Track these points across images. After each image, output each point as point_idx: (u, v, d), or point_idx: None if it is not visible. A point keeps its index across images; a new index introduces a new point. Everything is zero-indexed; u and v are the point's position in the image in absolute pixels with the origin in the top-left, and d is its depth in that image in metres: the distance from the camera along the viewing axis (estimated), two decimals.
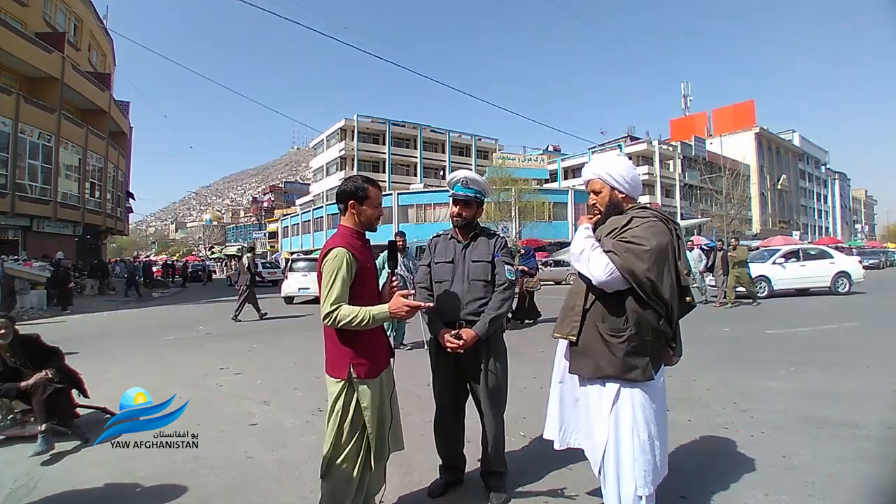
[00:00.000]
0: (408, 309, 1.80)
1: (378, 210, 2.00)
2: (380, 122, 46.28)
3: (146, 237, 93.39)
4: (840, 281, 11.93)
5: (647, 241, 1.69)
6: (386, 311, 1.81)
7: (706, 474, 2.58)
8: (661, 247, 1.70)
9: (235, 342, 7.32)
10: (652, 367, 1.76)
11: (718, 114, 56.48)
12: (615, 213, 1.88)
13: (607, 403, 1.79)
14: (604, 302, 1.78)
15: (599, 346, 1.76)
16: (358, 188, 1.92)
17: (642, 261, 1.67)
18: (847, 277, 11.99)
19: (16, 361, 3.44)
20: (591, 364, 1.79)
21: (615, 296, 1.75)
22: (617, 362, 1.72)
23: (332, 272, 1.79)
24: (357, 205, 1.93)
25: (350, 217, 1.96)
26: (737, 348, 5.97)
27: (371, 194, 1.94)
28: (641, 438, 1.73)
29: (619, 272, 1.68)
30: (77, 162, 20.26)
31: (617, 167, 1.90)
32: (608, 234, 1.82)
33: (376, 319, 1.79)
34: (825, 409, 3.61)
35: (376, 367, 1.93)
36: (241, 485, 2.61)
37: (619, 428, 1.76)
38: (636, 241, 1.70)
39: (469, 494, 2.43)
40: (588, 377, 1.83)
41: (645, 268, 1.66)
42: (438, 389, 2.41)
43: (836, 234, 62.91)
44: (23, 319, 10.08)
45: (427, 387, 2.42)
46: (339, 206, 1.98)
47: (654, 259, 1.68)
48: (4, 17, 17.27)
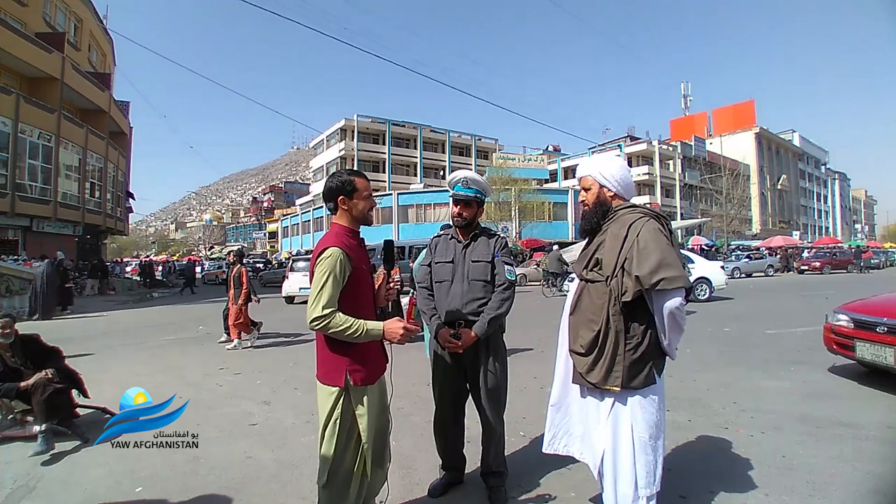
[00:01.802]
0: (403, 333, 1.73)
1: (370, 201, 1.89)
2: (380, 122, 46.27)
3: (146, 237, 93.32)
4: (700, 287, 11.40)
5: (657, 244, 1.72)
6: (380, 330, 1.73)
7: (706, 474, 2.58)
8: (667, 245, 1.73)
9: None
10: (655, 372, 1.76)
11: (718, 114, 56.53)
12: (602, 209, 1.93)
13: (606, 406, 1.79)
14: (625, 312, 1.76)
15: (609, 355, 1.75)
16: (344, 182, 1.83)
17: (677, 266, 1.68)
18: (707, 283, 11.54)
19: (16, 361, 3.44)
20: (598, 374, 1.77)
21: (632, 303, 1.74)
22: (623, 370, 1.73)
23: (324, 273, 1.70)
24: (347, 199, 1.84)
25: (342, 214, 1.87)
26: (737, 348, 5.97)
27: (359, 185, 1.85)
28: (641, 439, 1.73)
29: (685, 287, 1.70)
30: (77, 162, 20.25)
31: (608, 167, 1.94)
32: (615, 249, 1.79)
33: (369, 335, 1.72)
34: (825, 409, 3.61)
35: (373, 373, 1.85)
36: (241, 485, 2.62)
37: (618, 429, 1.76)
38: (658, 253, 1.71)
39: (469, 494, 2.43)
40: (592, 386, 1.81)
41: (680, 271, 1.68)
42: (438, 389, 2.41)
43: (836, 234, 62.90)
44: (22, 319, 10.08)
45: (427, 387, 2.42)
46: (329, 206, 1.88)
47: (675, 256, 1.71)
48: (4, 17, 17.26)
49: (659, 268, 1.64)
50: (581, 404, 1.91)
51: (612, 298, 1.75)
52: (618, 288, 1.74)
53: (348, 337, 1.70)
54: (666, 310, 1.68)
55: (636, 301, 1.72)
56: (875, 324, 4.13)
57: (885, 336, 3.99)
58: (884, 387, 4.06)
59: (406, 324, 1.75)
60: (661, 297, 1.68)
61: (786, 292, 14.27)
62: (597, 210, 1.94)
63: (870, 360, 4.14)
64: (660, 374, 1.79)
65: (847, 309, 4.57)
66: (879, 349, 4.01)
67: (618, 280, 1.74)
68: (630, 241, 1.74)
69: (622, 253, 1.75)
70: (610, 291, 1.76)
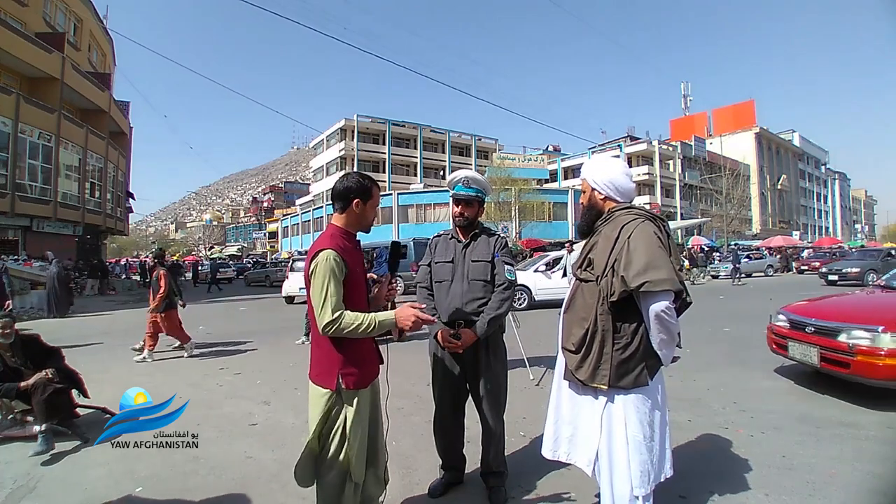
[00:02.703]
0: (415, 320, 1.73)
1: (376, 211, 1.94)
2: (380, 122, 46.26)
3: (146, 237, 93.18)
4: (518, 295, 10.44)
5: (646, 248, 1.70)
6: (392, 319, 1.73)
7: (706, 474, 2.58)
8: (658, 247, 1.71)
9: (235, 342, 7.31)
10: (647, 374, 1.74)
11: (718, 114, 56.52)
12: (593, 212, 1.97)
13: (600, 404, 1.80)
14: (613, 311, 1.76)
15: (598, 354, 1.76)
16: (364, 186, 1.83)
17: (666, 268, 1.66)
18: (527, 292, 10.65)
19: (16, 361, 3.44)
20: (586, 371, 1.78)
21: (622, 304, 1.74)
22: (611, 369, 1.73)
23: (324, 277, 1.68)
24: (361, 203, 1.83)
25: (347, 216, 1.85)
26: (737, 348, 5.97)
27: (374, 193, 1.87)
28: (636, 439, 1.72)
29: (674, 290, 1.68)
30: (77, 162, 20.25)
31: (600, 172, 1.96)
32: (606, 250, 1.80)
33: (382, 326, 1.72)
34: (825, 409, 3.61)
35: (366, 376, 1.83)
36: (241, 485, 2.62)
37: (612, 428, 1.76)
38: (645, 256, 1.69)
39: (469, 494, 2.43)
40: (582, 383, 1.81)
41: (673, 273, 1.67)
42: (438, 389, 2.41)
43: (836, 234, 62.91)
44: (22, 319, 10.08)
45: (427, 386, 2.42)
46: (338, 205, 1.85)
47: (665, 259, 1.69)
48: (4, 17, 17.27)
49: (646, 269, 1.64)
50: (572, 404, 1.90)
51: (601, 298, 1.77)
52: (606, 288, 1.75)
53: (362, 333, 1.69)
54: (652, 312, 1.67)
55: (627, 301, 1.72)
56: (804, 324, 4.21)
57: (812, 336, 4.08)
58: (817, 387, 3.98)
59: (418, 311, 1.74)
60: (646, 298, 1.69)
61: (786, 292, 14.25)
62: (590, 212, 1.99)
63: (799, 359, 4.21)
64: (653, 377, 1.77)
65: (786, 310, 4.65)
66: (806, 349, 4.09)
67: (607, 280, 1.75)
68: (621, 242, 1.75)
69: (612, 254, 1.76)
70: (599, 291, 1.78)
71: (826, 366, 3.91)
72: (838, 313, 4.19)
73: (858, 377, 3.71)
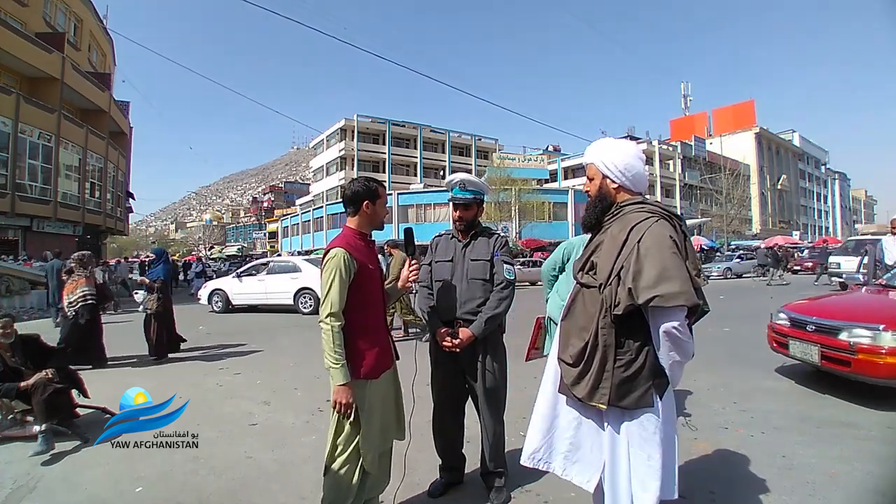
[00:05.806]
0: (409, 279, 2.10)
1: (386, 209, 2.10)
2: (380, 122, 46.24)
3: (146, 237, 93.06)
4: (303, 298, 10.54)
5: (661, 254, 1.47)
6: (341, 378, 1.78)
7: (706, 474, 2.58)
8: (672, 254, 1.48)
9: (235, 342, 7.31)
10: (655, 393, 1.53)
11: (718, 114, 56.53)
12: (603, 204, 1.69)
13: (601, 422, 1.63)
14: (617, 325, 1.55)
15: (598, 370, 1.56)
16: (371, 189, 1.99)
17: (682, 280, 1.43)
18: (312, 294, 10.40)
19: (16, 361, 3.44)
20: (584, 388, 1.59)
21: (628, 315, 1.51)
22: (612, 387, 1.53)
23: (329, 274, 1.83)
24: (371, 204, 1.99)
25: (360, 218, 2.00)
26: (737, 348, 5.97)
27: (381, 192, 2.03)
28: (638, 457, 1.55)
29: None
30: (77, 162, 20.24)
31: (613, 154, 1.68)
32: (612, 254, 1.57)
33: (333, 371, 1.78)
34: (825, 409, 3.61)
35: (376, 368, 1.94)
36: (241, 485, 2.61)
37: (616, 444, 1.59)
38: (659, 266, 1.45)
39: (469, 494, 2.43)
40: (577, 400, 1.63)
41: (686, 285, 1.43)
42: (437, 389, 2.41)
43: (837, 234, 62.85)
44: (22, 319, 10.08)
45: (427, 386, 2.41)
46: (350, 209, 2.01)
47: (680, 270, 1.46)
48: (4, 17, 17.26)
49: (658, 281, 1.40)
50: (570, 418, 1.69)
51: (604, 309, 1.54)
52: (610, 298, 1.52)
53: (326, 349, 1.80)
54: (662, 330, 1.45)
55: (634, 313, 1.49)
56: (805, 322, 4.22)
57: (813, 334, 4.08)
58: None
59: (408, 274, 2.11)
60: (657, 315, 1.45)
61: (786, 292, 14.25)
62: (598, 203, 1.71)
63: (800, 357, 4.22)
64: (661, 397, 1.56)
65: (787, 308, 4.66)
66: (807, 347, 4.10)
67: (611, 289, 1.52)
68: (629, 246, 1.51)
69: (619, 259, 1.52)
70: (602, 301, 1.55)
71: (827, 364, 3.91)
72: (839, 312, 4.19)
73: (859, 375, 3.71)
